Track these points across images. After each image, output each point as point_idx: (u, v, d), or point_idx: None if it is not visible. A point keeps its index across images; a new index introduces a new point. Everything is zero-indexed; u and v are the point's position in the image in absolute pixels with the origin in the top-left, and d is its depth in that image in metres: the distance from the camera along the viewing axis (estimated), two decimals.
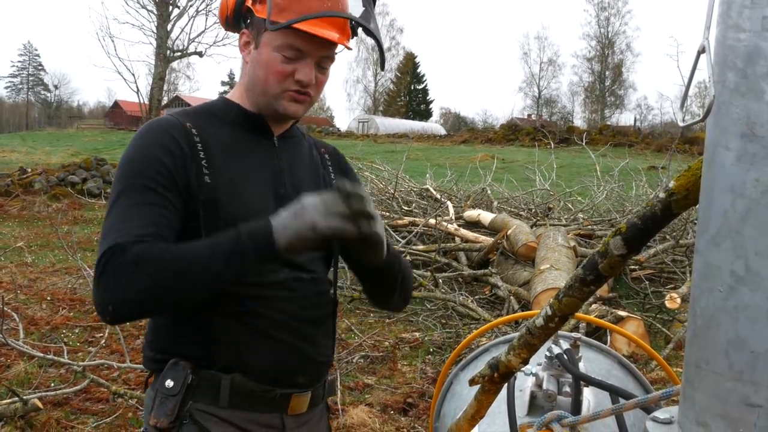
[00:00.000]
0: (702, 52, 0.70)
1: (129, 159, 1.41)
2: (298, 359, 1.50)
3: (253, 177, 1.49)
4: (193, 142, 1.42)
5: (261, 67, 1.45)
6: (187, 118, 1.46)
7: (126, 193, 1.36)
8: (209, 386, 1.42)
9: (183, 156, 1.40)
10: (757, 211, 0.64)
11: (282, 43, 1.42)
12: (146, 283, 1.26)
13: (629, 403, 0.95)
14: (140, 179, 1.36)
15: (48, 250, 9.43)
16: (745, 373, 0.65)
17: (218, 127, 1.49)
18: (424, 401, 4.36)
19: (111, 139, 38.12)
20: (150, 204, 1.35)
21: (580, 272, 0.93)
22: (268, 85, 1.46)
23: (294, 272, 1.49)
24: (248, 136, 1.52)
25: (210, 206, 1.40)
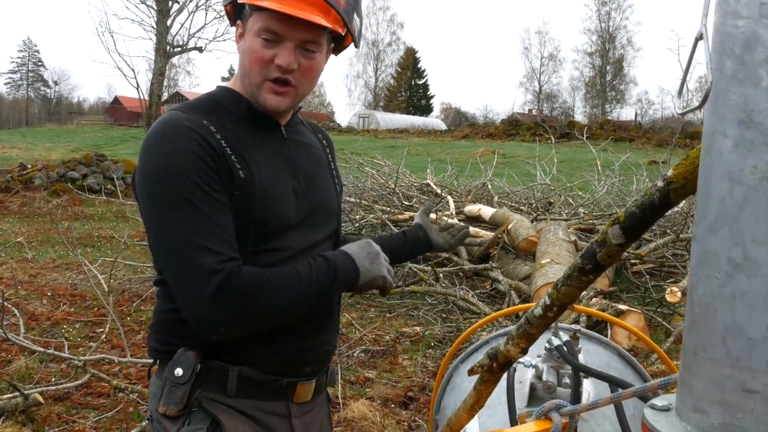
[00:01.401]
0: (700, 39, 0.70)
1: (168, 166, 1.34)
2: (305, 350, 1.51)
3: (274, 170, 1.47)
4: (217, 139, 1.38)
5: (245, 55, 1.43)
6: (200, 116, 1.41)
7: (190, 202, 1.32)
8: (217, 376, 1.43)
9: (216, 154, 1.36)
10: (755, 197, 0.64)
11: (260, 26, 1.38)
12: (263, 309, 1.36)
13: (628, 392, 0.95)
14: (196, 186, 1.32)
15: (48, 245, 9.44)
16: (743, 360, 0.65)
17: (230, 121, 1.45)
18: (424, 395, 4.36)
19: (111, 135, 38.12)
20: (218, 212, 1.34)
21: (579, 261, 0.93)
22: (251, 73, 1.43)
23: None
24: (258, 129, 1.50)
25: (245, 201, 1.39)
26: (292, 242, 1.48)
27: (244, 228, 1.39)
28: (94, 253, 8.70)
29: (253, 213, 1.40)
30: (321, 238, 1.57)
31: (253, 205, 1.40)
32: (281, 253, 1.45)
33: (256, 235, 1.42)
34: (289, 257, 1.46)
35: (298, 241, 1.49)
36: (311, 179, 1.56)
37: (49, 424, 3.77)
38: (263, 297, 1.33)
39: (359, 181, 10.80)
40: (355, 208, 9.07)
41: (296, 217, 1.49)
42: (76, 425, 3.82)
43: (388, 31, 68.87)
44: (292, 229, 1.48)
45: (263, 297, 1.33)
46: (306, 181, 1.54)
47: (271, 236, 1.44)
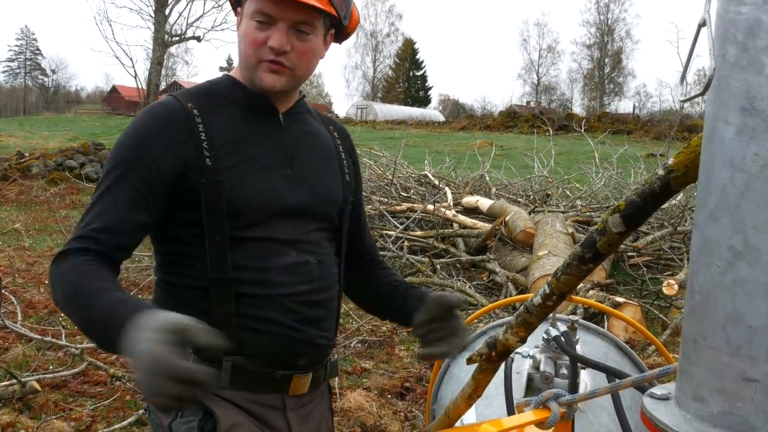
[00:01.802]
0: (703, 26, 0.70)
1: (120, 144, 1.43)
2: (299, 343, 1.49)
3: (259, 157, 1.46)
4: (194, 123, 1.40)
5: (241, 39, 1.45)
6: (189, 99, 1.44)
7: (107, 179, 1.40)
8: (210, 367, 1.41)
9: (181, 141, 1.39)
10: (756, 185, 0.64)
11: (254, 8, 1.40)
12: (57, 299, 1.37)
13: (626, 381, 0.95)
14: (123, 169, 1.39)
15: (46, 234, 9.42)
16: (743, 348, 0.65)
17: (222, 107, 1.46)
18: (421, 385, 4.37)
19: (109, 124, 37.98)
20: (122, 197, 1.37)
21: (578, 250, 0.93)
22: (247, 56, 1.44)
23: (301, 255, 1.48)
24: (253, 115, 1.49)
25: (212, 189, 1.39)
26: (280, 231, 1.46)
27: (216, 216, 1.40)
28: None
29: (224, 201, 1.40)
30: (316, 228, 1.54)
31: (223, 192, 1.40)
32: (264, 241, 1.44)
33: (236, 224, 1.41)
34: (274, 246, 1.45)
35: (289, 230, 1.47)
36: (310, 168, 1.54)
37: (46, 412, 3.77)
38: (57, 291, 1.36)
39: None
40: None
41: (284, 204, 1.47)
42: (73, 413, 3.82)
43: (386, 21, 68.62)
44: (279, 217, 1.46)
45: (57, 291, 1.36)
46: (303, 170, 1.52)
47: (252, 224, 1.43)
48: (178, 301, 1.45)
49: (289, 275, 1.46)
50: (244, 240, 1.42)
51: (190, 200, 1.40)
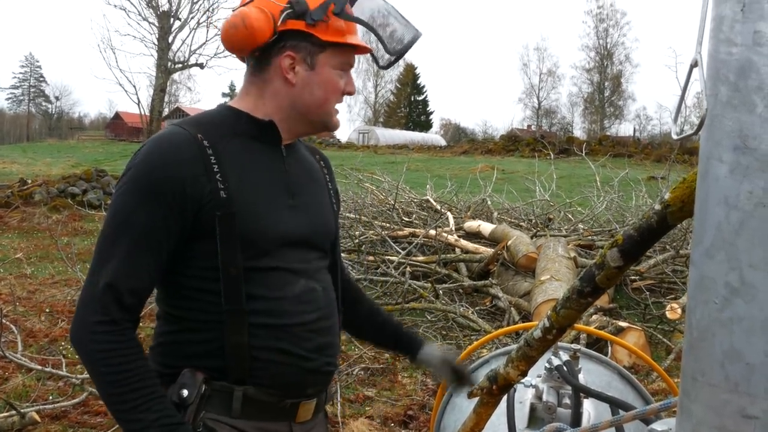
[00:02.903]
0: (695, 66, 0.71)
1: (138, 179, 1.40)
2: (309, 371, 1.52)
3: (266, 188, 1.49)
4: (207, 155, 1.41)
5: (320, 86, 1.50)
6: (197, 128, 1.44)
7: (128, 226, 1.38)
8: (222, 397, 1.44)
9: (195, 176, 1.39)
10: (751, 223, 0.65)
11: (342, 60, 1.50)
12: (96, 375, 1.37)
13: (628, 415, 0.95)
14: (146, 215, 1.37)
15: (47, 261, 9.42)
16: (741, 385, 0.65)
17: (228, 137, 1.47)
18: (424, 413, 4.34)
19: (112, 150, 38.18)
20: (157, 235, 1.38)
21: (578, 284, 0.93)
22: (328, 103, 1.52)
23: (309, 283, 1.52)
24: (258, 146, 1.51)
25: (226, 221, 1.41)
26: (288, 260, 1.49)
27: (230, 247, 1.41)
28: None
29: (238, 232, 1.41)
30: (317, 257, 1.58)
31: (237, 224, 1.41)
32: (275, 270, 1.47)
33: (248, 254, 1.43)
34: (284, 273, 1.48)
35: (294, 259, 1.50)
36: (309, 199, 1.58)
37: None
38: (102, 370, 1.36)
39: (359, 197, 10.80)
40: (354, 224, 9.06)
41: (291, 234, 1.50)
42: None
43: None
44: (286, 247, 1.49)
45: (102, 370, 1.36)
46: (303, 200, 1.56)
47: (263, 254, 1.45)
48: (189, 334, 1.46)
49: (300, 304, 1.49)
50: (256, 270, 1.45)
51: (204, 232, 1.41)
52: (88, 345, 1.35)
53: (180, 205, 1.38)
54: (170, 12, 19.87)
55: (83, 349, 1.36)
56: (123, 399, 1.34)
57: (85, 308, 1.36)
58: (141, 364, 1.37)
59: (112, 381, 1.34)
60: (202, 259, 1.43)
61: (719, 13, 0.68)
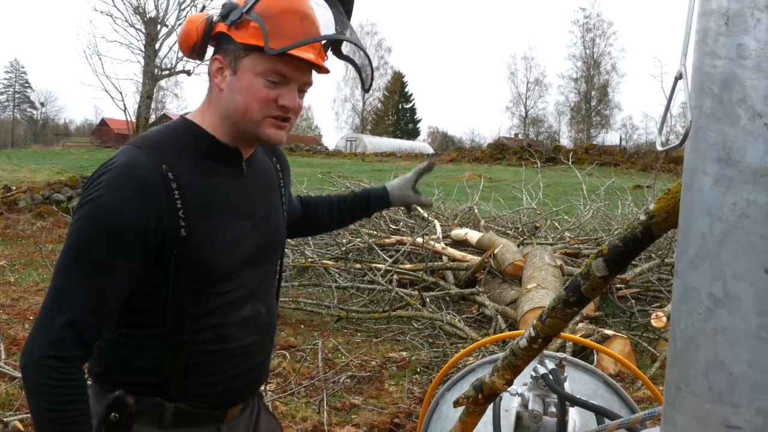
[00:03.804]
0: (679, 78, 0.72)
1: (98, 214, 1.34)
2: (243, 388, 1.57)
3: (227, 212, 1.47)
4: (170, 189, 1.37)
5: (241, 93, 1.41)
6: (160, 158, 1.38)
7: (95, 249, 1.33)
8: (154, 411, 1.46)
9: (158, 212, 1.35)
10: (734, 234, 0.65)
11: (266, 68, 1.39)
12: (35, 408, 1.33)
13: (612, 425, 0.95)
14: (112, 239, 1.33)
15: (32, 269, 9.33)
16: (725, 395, 0.66)
17: (190, 163, 1.42)
18: (411, 421, 4.33)
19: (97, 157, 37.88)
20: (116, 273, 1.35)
21: (563, 294, 0.94)
22: (249, 111, 1.42)
23: (255, 307, 1.54)
24: (219, 168, 1.48)
25: (182, 258, 1.40)
26: (240, 282, 1.50)
27: (180, 281, 1.41)
28: None
29: (192, 265, 1.41)
30: (269, 270, 1.62)
31: (193, 258, 1.40)
32: (225, 296, 1.47)
33: (199, 283, 1.43)
34: (234, 299, 1.49)
35: (249, 278, 1.52)
36: (265, 216, 1.58)
37: None
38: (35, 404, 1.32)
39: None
40: (341, 231, 9.05)
41: (246, 257, 1.51)
42: None
43: (375, 55, 69.26)
44: (239, 272, 1.49)
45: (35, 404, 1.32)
46: (261, 216, 1.56)
47: (215, 282, 1.45)
48: (132, 351, 1.46)
49: (244, 329, 1.51)
50: (206, 296, 1.44)
51: (158, 263, 1.39)
52: (34, 377, 1.31)
53: (142, 239, 1.35)
54: (157, 18, 19.82)
55: (29, 378, 1.32)
56: None
57: (39, 340, 1.32)
58: (81, 406, 1.34)
59: (51, 418, 1.31)
60: (152, 284, 1.41)
61: (703, 25, 0.69)
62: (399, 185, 2.02)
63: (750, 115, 0.64)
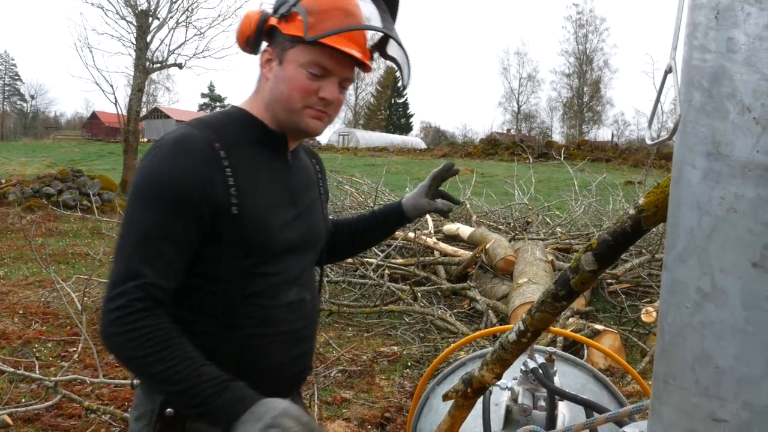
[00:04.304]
0: (669, 72, 0.72)
1: (159, 176, 1.37)
2: (291, 377, 1.59)
3: (274, 198, 1.51)
4: (222, 167, 1.40)
5: (284, 82, 1.46)
6: (214, 135, 1.43)
7: (155, 215, 1.35)
8: None
9: (213, 186, 1.38)
10: (722, 228, 0.65)
11: (309, 60, 1.44)
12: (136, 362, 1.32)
13: (600, 418, 0.95)
14: (170, 204, 1.35)
15: (21, 262, 9.28)
16: (711, 389, 0.66)
17: (242, 145, 1.47)
18: (401, 416, 4.34)
19: (88, 150, 37.77)
20: (176, 237, 1.36)
21: (552, 288, 0.94)
22: (291, 100, 1.46)
23: (300, 292, 1.57)
24: (268, 154, 1.53)
25: (234, 238, 1.42)
26: (285, 266, 1.52)
27: (233, 258, 1.43)
28: (69, 271, 8.57)
29: (243, 244, 1.43)
30: (311, 260, 1.64)
31: (244, 236, 1.42)
32: (273, 277, 1.50)
33: (249, 261, 1.45)
34: (280, 282, 1.51)
35: (292, 264, 1.54)
36: (307, 207, 1.62)
37: None
38: (142, 351, 1.31)
39: (338, 200, 10.80)
40: None
41: (288, 245, 1.53)
42: None
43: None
44: (283, 256, 1.51)
45: (142, 351, 1.31)
46: (303, 207, 1.59)
47: (263, 262, 1.48)
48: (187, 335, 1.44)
49: (290, 312, 1.53)
50: (254, 276, 1.47)
51: (211, 241, 1.41)
52: (122, 335, 1.31)
53: (196, 205, 1.37)
54: (149, 11, 19.65)
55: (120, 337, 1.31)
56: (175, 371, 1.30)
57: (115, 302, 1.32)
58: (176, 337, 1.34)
59: (157, 360, 1.30)
60: (205, 263, 1.42)
61: (694, 20, 0.69)
62: (412, 196, 1.98)
63: (739, 110, 0.64)
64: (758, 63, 0.62)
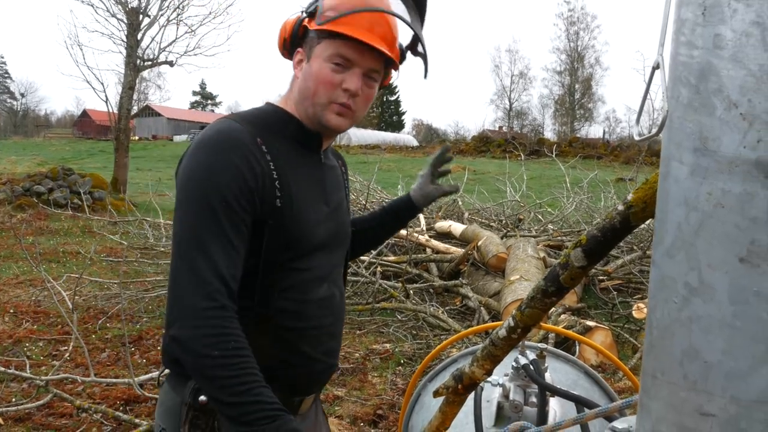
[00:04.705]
0: (657, 69, 0.72)
1: (213, 172, 1.36)
2: (320, 373, 1.61)
3: (310, 195, 1.52)
4: (266, 160, 1.42)
5: (311, 78, 1.48)
6: (255, 130, 1.44)
7: (215, 213, 1.34)
8: None
9: (262, 177, 1.40)
10: (710, 224, 0.65)
11: (332, 52, 1.45)
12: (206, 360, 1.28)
13: (590, 413, 0.96)
14: (227, 199, 1.34)
15: (12, 261, 9.24)
16: (699, 383, 0.66)
17: (280, 141, 1.48)
18: (394, 413, 4.34)
19: (79, 149, 37.58)
20: (235, 235, 1.36)
21: (542, 284, 0.94)
22: (317, 95, 1.48)
23: (330, 289, 1.59)
24: (302, 152, 1.54)
25: (276, 231, 1.43)
26: (317, 263, 1.54)
27: (272, 251, 1.44)
28: (59, 269, 8.53)
29: (282, 237, 1.44)
30: (339, 259, 1.67)
31: (284, 231, 1.44)
32: (306, 273, 1.51)
33: (286, 255, 1.47)
34: (313, 278, 1.53)
35: (323, 261, 1.56)
36: (337, 205, 1.64)
37: None
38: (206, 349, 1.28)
39: None
40: None
41: (322, 240, 1.55)
42: None
43: None
44: (316, 252, 1.53)
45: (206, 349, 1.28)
46: (333, 207, 1.61)
47: (298, 257, 1.49)
48: None
49: (321, 308, 1.56)
50: (291, 271, 1.48)
51: (254, 233, 1.41)
52: (200, 329, 1.29)
53: (251, 199, 1.38)
54: (139, 8, 19.55)
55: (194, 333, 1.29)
56: (239, 381, 1.28)
57: (194, 299, 1.30)
58: (249, 351, 1.33)
59: (226, 364, 1.28)
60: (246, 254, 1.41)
61: (681, 16, 0.69)
62: (419, 186, 1.99)
63: (726, 105, 0.64)
64: (745, 59, 0.63)
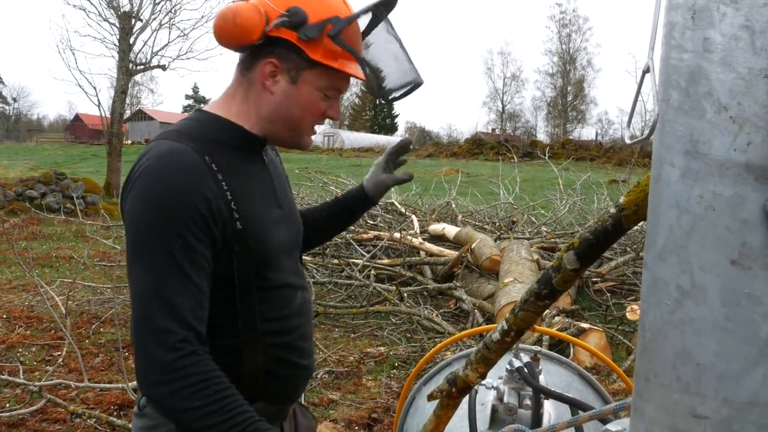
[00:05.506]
0: (647, 72, 0.72)
1: (162, 206, 1.28)
2: (305, 376, 1.60)
3: (264, 203, 1.49)
4: (218, 180, 1.35)
5: (297, 105, 1.44)
6: (201, 148, 1.36)
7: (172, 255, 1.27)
8: None
9: (217, 203, 1.33)
10: (701, 226, 0.66)
11: (328, 84, 1.44)
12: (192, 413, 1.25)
13: (584, 416, 0.96)
14: (183, 235, 1.28)
15: (4, 266, 9.19)
16: (692, 386, 0.66)
17: (226, 154, 1.41)
18: (388, 416, 4.34)
19: (71, 153, 37.44)
20: (197, 273, 1.30)
21: (535, 287, 0.94)
22: (303, 122, 1.47)
23: (303, 294, 1.57)
24: (247, 158, 1.49)
25: (243, 254, 1.39)
26: (284, 266, 1.51)
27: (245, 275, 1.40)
28: (52, 274, 8.49)
29: (250, 258, 1.40)
30: (298, 254, 1.64)
31: (250, 251, 1.39)
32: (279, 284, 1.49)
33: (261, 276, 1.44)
34: (289, 292, 1.51)
35: (289, 262, 1.55)
36: (288, 203, 1.61)
37: None
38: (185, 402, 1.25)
39: (323, 200, 10.78)
40: None
41: (284, 245, 1.52)
42: None
43: None
44: (280, 260, 1.50)
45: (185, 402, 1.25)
46: (287, 207, 1.58)
47: (273, 271, 1.47)
48: None
49: (300, 316, 1.54)
50: (267, 289, 1.45)
51: (222, 263, 1.37)
52: (173, 384, 1.24)
53: (206, 222, 1.31)
54: (131, 13, 19.52)
55: (169, 389, 1.24)
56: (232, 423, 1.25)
57: (158, 350, 1.24)
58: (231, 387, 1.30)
59: (211, 411, 1.24)
60: (219, 286, 1.37)
61: (671, 19, 0.69)
62: (373, 175, 1.90)
63: (716, 108, 0.65)
64: (734, 62, 0.63)
